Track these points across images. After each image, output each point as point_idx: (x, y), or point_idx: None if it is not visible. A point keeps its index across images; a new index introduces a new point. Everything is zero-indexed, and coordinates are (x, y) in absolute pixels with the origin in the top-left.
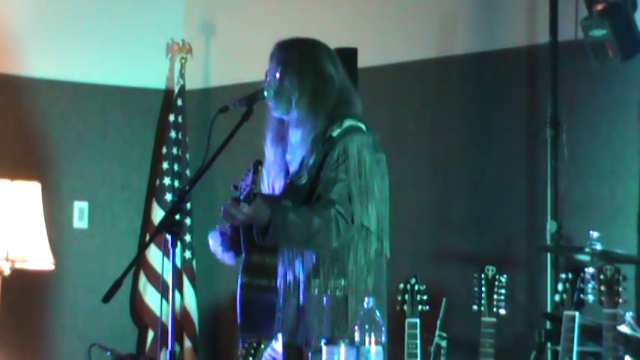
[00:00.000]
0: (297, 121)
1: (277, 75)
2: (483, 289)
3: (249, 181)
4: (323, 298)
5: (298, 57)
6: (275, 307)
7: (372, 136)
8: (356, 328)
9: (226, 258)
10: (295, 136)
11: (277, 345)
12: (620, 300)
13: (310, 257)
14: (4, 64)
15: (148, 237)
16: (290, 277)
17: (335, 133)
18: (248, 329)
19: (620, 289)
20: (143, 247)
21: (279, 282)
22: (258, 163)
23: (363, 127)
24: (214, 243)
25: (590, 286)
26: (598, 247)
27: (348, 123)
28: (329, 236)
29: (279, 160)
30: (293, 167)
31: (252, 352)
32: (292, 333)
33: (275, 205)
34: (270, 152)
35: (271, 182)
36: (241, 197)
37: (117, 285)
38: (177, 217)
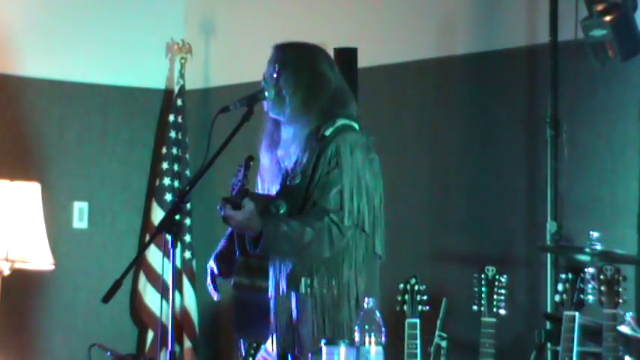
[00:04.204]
0: (290, 118)
1: (274, 73)
2: (483, 289)
3: (241, 176)
4: (316, 301)
5: (295, 56)
6: (267, 308)
7: (366, 136)
8: (356, 328)
9: (211, 292)
10: (287, 132)
11: (269, 345)
12: (620, 300)
13: (303, 262)
14: (4, 64)
15: (147, 237)
16: (283, 281)
17: (328, 132)
18: (241, 330)
19: (620, 289)
20: (143, 247)
21: (272, 286)
22: (250, 159)
23: (355, 126)
24: (208, 270)
25: (590, 286)
26: (598, 247)
27: (340, 122)
28: (321, 247)
29: (273, 166)
30: (286, 165)
31: (252, 352)
32: (285, 341)
33: (267, 212)
34: (265, 158)
35: (267, 188)
36: (233, 193)
37: (117, 285)
38: (177, 217)
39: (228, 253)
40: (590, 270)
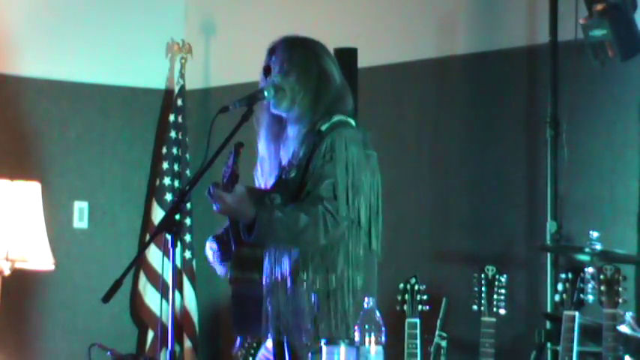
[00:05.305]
0: (296, 118)
1: (281, 73)
2: (483, 289)
3: (231, 162)
4: (311, 294)
5: (303, 57)
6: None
7: (362, 133)
8: (356, 327)
9: (217, 268)
10: (293, 131)
11: (270, 344)
12: (620, 300)
13: (298, 252)
14: (4, 64)
15: (148, 237)
16: (277, 272)
17: (323, 127)
18: (240, 328)
19: (620, 289)
20: (143, 247)
21: (266, 278)
22: (239, 145)
23: (352, 122)
24: (210, 251)
25: (590, 286)
26: (598, 247)
27: (336, 118)
28: (317, 233)
29: (272, 158)
30: (284, 161)
31: (252, 352)
32: (281, 331)
33: (261, 201)
34: (263, 150)
35: (264, 180)
36: (224, 180)
37: (117, 285)
38: (177, 217)
39: (224, 237)
40: (590, 270)
